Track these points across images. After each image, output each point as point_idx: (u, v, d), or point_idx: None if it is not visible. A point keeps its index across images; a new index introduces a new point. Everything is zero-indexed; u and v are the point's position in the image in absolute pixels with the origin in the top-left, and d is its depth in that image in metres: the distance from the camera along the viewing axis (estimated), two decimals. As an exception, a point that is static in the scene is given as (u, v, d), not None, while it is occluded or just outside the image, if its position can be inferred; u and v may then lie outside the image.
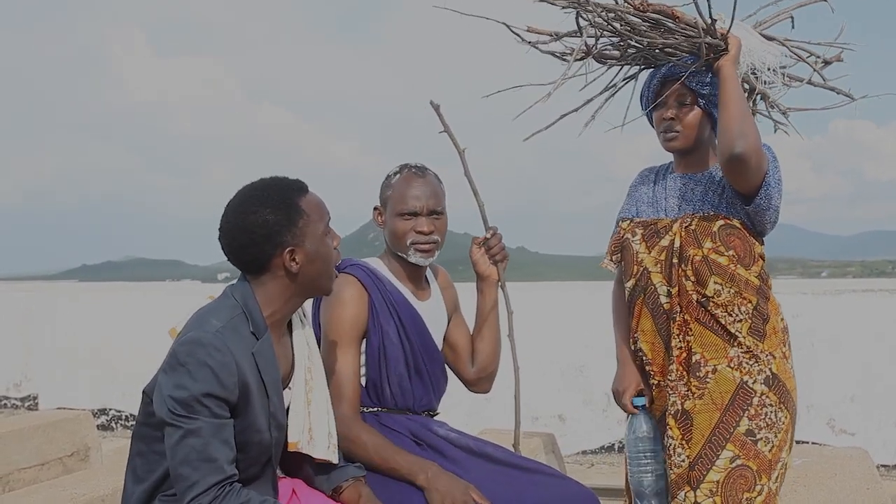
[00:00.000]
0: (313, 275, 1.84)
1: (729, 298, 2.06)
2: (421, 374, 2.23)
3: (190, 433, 1.63)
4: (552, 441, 3.56)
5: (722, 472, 2.01)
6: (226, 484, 1.65)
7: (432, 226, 2.21)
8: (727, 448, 2.02)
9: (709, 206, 2.13)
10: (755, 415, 2.03)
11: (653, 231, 2.18)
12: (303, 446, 1.87)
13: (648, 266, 2.16)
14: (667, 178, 2.26)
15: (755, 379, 2.05)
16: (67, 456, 3.66)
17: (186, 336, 1.70)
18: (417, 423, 2.20)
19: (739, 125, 1.97)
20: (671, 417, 2.08)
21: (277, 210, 1.78)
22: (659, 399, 2.17)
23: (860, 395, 4.66)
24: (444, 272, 2.46)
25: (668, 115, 2.15)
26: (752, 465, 2.01)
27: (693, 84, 2.12)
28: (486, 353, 2.38)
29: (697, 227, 2.10)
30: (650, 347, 2.17)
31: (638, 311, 2.19)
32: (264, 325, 1.80)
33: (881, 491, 2.77)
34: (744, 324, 2.06)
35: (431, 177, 2.25)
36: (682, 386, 2.08)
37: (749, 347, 2.06)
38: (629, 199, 2.32)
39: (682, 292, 2.09)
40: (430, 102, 2.33)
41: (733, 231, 2.09)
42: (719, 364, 2.05)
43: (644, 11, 2.04)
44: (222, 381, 1.66)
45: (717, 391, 2.04)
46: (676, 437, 2.07)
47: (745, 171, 2.00)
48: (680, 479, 2.05)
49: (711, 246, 2.08)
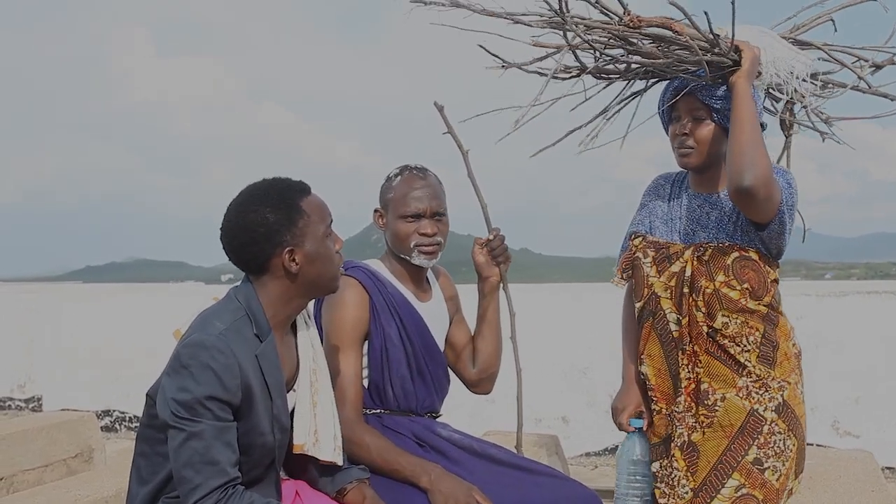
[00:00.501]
0: (313, 276, 1.83)
1: (737, 329, 2.00)
2: (423, 376, 2.23)
3: (193, 436, 1.63)
4: (556, 443, 3.56)
5: (726, 500, 1.95)
6: (229, 487, 1.64)
7: (435, 227, 2.20)
8: (733, 477, 1.96)
9: (724, 235, 2.05)
10: (764, 443, 1.97)
11: (664, 255, 2.10)
12: (308, 448, 1.87)
13: (658, 291, 2.09)
14: (682, 196, 2.17)
15: (766, 406, 1.99)
16: (71, 457, 3.66)
17: (189, 339, 1.70)
18: (420, 425, 2.19)
19: (749, 156, 1.87)
20: (677, 449, 2.03)
21: (278, 210, 1.78)
22: (659, 426, 2.11)
23: (865, 398, 4.64)
24: (445, 273, 2.46)
25: (681, 131, 2.07)
26: (759, 494, 1.95)
27: (706, 98, 2.03)
28: (487, 354, 2.37)
29: (711, 258, 2.03)
30: (655, 373, 2.11)
31: (646, 334, 2.13)
32: (268, 327, 1.79)
33: (886, 493, 2.76)
34: (752, 353, 2.00)
35: (432, 178, 2.24)
36: (690, 417, 2.03)
37: (760, 376, 2.00)
38: (642, 210, 2.24)
39: (693, 323, 2.03)
40: (434, 103, 2.32)
41: (748, 263, 2.02)
42: (728, 393, 2.00)
43: (637, 28, 1.93)
44: (225, 383, 1.66)
45: (727, 419, 1.99)
46: (682, 469, 2.01)
47: (754, 203, 1.92)
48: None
49: (724, 280, 2.01)
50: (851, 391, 4.66)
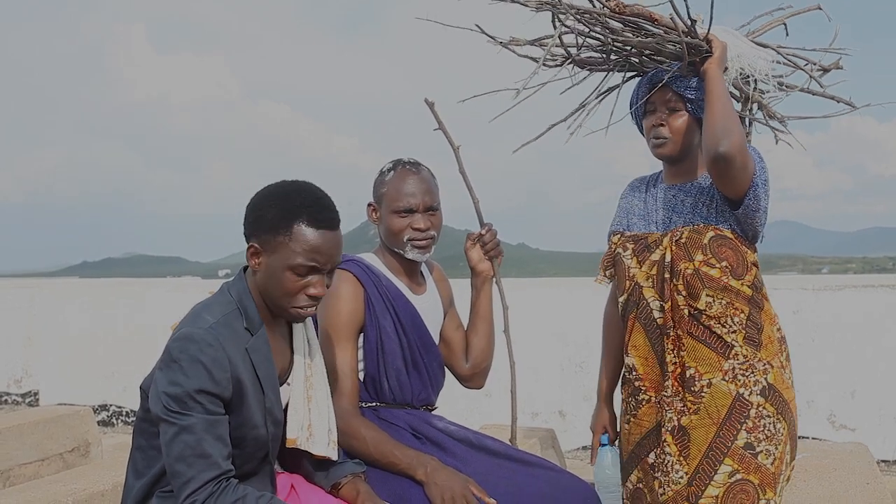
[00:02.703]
0: (264, 286, 1.79)
1: (721, 310, 2.04)
2: (419, 369, 2.23)
3: (184, 429, 1.63)
4: (552, 437, 3.57)
5: (720, 486, 1.98)
6: (222, 480, 1.65)
7: (429, 222, 2.21)
8: (725, 462, 1.99)
9: (699, 218, 2.10)
10: (753, 427, 2.00)
11: (643, 245, 2.16)
12: (302, 443, 1.87)
13: (640, 281, 2.14)
14: (657, 189, 2.23)
15: (751, 391, 2.02)
16: (68, 451, 3.66)
17: (179, 332, 1.71)
18: (416, 417, 2.20)
19: (723, 124, 1.95)
20: (668, 434, 2.06)
21: (277, 212, 1.77)
22: (650, 414, 2.14)
23: (861, 391, 4.66)
24: (438, 267, 2.46)
25: (657, 122, 2.13)
26: (754, 478, 1.98)
27: (681, 89, 2.10)
28: (479, 349, 2.38)
29: (688, 240, 2.08)
30: (643, 363, 2.15)
31: (631, 325, 2.18)
32: (259, 321, 1.79)
33: (881, 486, 2.77)
34: (739, 334, 2.05)
35: (425, 172, 2.25)
36: (678, 402, 2.06)
37: (746, 357, 2.04)
38: (619, 211, 2.31)
39: (675, 307, 2.07)
40: (424, 100, 2.35)
41: (725, 241, 2.07)
42: (714, 378, 2.03)
43: (620, 13, 2.03)
44: (215, 377, 1.66)
45: (713, 405, 2.02)
46: (674, 454, 2.04)
47: (731, 171, 1.97)
48: (678, 495, 2.03)
49: (703, 258, 2.05)
50: (847, 385, 4.67)
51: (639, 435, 2.16)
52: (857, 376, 4.65)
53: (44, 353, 6.57)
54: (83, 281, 8.79)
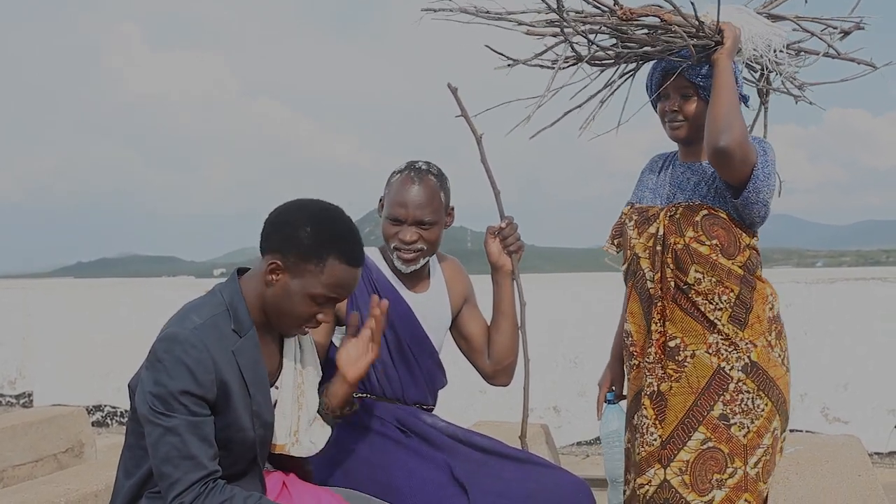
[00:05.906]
0: (275, 303, 1.77)
1: (710, 287, 2.12)
2: (409, 365, 2.23)
3: (168, 431, 1.62)
4: (546, 432, 3.57)
5: (692, 452, 2.08)
6: (209, 481, 1.64)
7: (415, 235, 2.17)
8: (699, 430, 2.09)
9: (697, 196, 2.19)
10: (730, 400, 2.09)
11: (644, 218, 2.25)
12: (289, 448, 1.87)
13: (638, 252, 2.23)
14: (671, 167, 2.32)
15: (732, 366, 2.10)
16: (62, 452, 3.66)
17: (165, 332, 1.70)
18: (405, 412, 2.20)
19: (725, 118, 2.01)
20: (646, 398, 2.16)
21: (313, 239, 1.73)
22: (638, 378, 2.24)
23: (853, 384, 4.67)
24: (453, 263, 2.41)
25: (671, 108, 2.21)
26: (724, 447, 2.08)
27: (693, 77, 2.17)
28: (501, 345, 2.34)
29: (681, 216, 2.16)
30: (636, 329, 2.24)
31: (629, 293, 2.28)
32: (250, 323, 1.77)
33: (873, 478, 2.78)
34: (724, 312, 2.12)
35: (431, 182, 2.19)
36: (659, 369, 2.16)
37: (728, 335, 2.11)
38: (637, 184, 2.40)
39: (664, 279, 2.17)
40: (447, 85, 2.29)
41: (717, 221, 2.14)
42: (698, 349, 2.12)
43: (630, 20, 2.06)
44: (198, 378, 1.65)
45: (695, 375, 2.11)
46: (650, 417, 2.15)
47: (730, 164, 2.04)
48: (651, 456, 2.13)
49: (693, 235, 2.14)
50: (840, 377, 4.68)
51: (631, 397, 2.28)
52: (850, 369, 4.66)
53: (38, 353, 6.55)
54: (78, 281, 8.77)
